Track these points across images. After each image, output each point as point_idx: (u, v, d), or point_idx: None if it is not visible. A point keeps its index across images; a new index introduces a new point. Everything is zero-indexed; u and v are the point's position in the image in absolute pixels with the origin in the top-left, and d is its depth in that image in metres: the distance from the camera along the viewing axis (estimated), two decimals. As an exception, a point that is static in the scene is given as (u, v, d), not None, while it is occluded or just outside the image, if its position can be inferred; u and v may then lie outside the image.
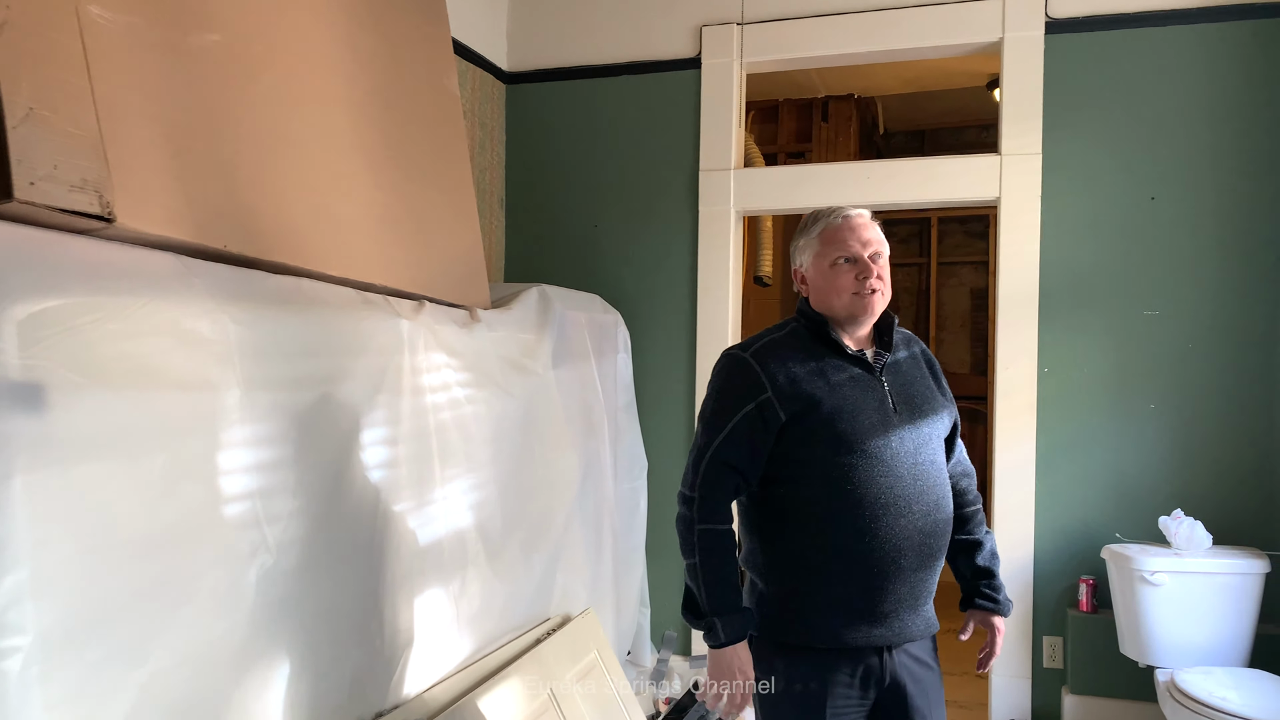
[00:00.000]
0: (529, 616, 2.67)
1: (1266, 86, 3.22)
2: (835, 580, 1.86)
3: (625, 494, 3.51)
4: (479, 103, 3.79)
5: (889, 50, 3.60)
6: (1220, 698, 2.67)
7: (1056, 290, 3.42)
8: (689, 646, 3.77)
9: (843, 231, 1.93)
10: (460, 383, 2.39)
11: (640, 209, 3.86)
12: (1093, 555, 3.34)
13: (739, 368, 1.93)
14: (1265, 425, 3.23)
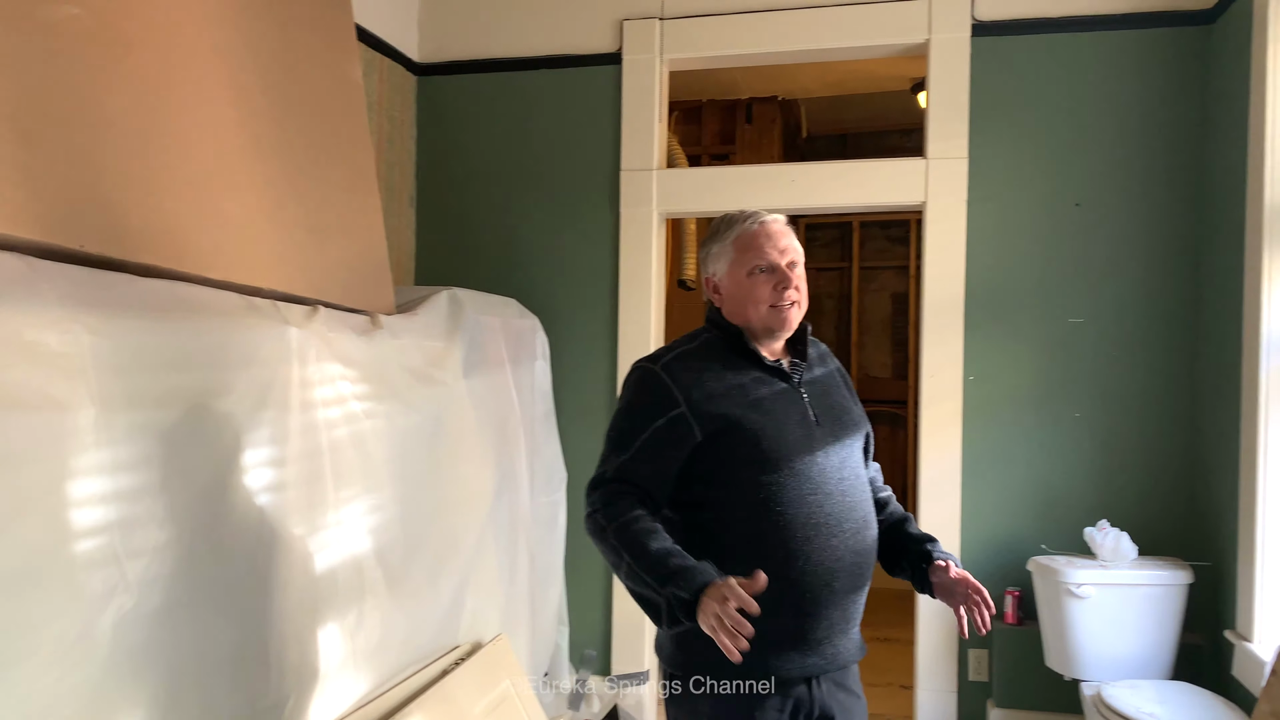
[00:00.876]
0: (435, 646, 2.48)
1: (1188, 94, 3.21)
2: (769, 611, 1.72)
3: (543, 508, 3.34)
4: (387, 95, 3.58)
5: (814, 50, 3.51)
6: (1148, 713, 2.63)
7: (982, 296, 3.36)
8: (609, 666, 3.62)
9: (759, 238, 1.82)
10: (358, 396, 2.19)
11: (559, 209, 3.70)
12: (1018, 567, 3.30)
13: (649, 381, 1.81)
14: (1189, 435, 3.22)
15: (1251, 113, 2.79)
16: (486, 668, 2.58)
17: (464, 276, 3.66)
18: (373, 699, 2.17)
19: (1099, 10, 3.26)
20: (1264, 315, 2.70)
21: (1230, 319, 2.93)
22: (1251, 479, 2.75)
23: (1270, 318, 2.70)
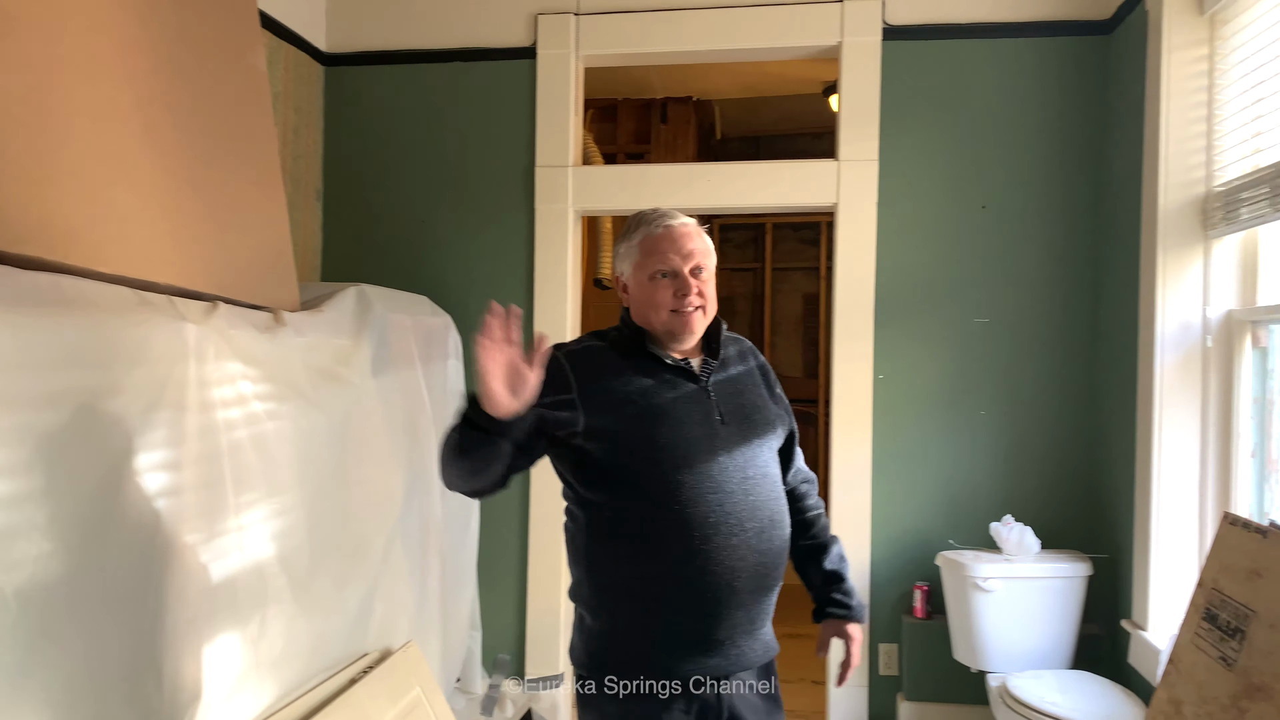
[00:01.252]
0: (343, 654, 2.40)
1: (1088, 101, 3.32)
2: (665, 608, 1.73)
3: (455, 511, 3.27)
4: (293, 84, 3.46)
5: (729, 50, 3.51)
6: (1050, 702, 2.69)
7: (891, 297, 3.42)
8: (522, 669, 3.57)
9: (663, 242, 1.80)
10: (260, 395, 2.11)
11: (472, 205, 3.63)
12: (927, 561, 3.36)
13: (549, 366, 1.78)
14: (1088, 431, 3.32)
15: (1147, 120, 2.89)
16: (396, 675, 2.50)
17: (373, 273, 3.56)
18: (277, 710, 2.09)
19: (1004, 18, 3.34)
20: (1158, 316, 2.80)
21: (1127, 319, 3.03)
22: (1146, 474, 2.85)
23: (1164, 318, 2.80)
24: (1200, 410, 2.78)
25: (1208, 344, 2.76)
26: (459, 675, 3.40)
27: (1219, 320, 2.75)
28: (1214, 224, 2.71)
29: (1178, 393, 2.80)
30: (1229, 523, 1.93)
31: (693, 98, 5.32)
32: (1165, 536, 2.82)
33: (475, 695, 3.43)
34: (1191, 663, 1.88)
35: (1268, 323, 2.61)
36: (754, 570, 1.74)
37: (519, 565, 3.58)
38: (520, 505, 3.57)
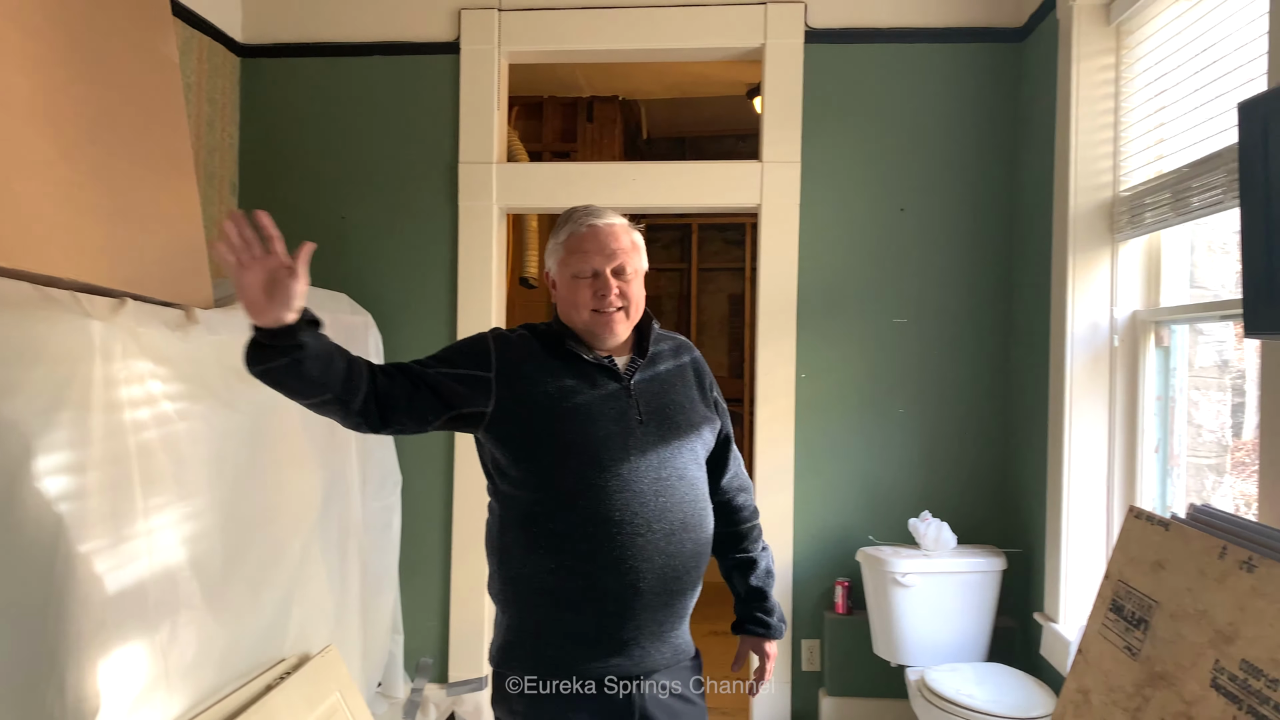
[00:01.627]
0: (258, 661, 2.34)
1: (1002, 107, 3.40)
2: (569, 606, 1.72)
3: (375, 513, 3.22)
4: (207, 76, 3.36)
5: (653, 49, 3.52)
6: (967, 694, 2.76)
7: (813, 297, 3.46)
8: (445, 674, 3.53)
9: (587, 241, 1.79)
10: (171, 395, 2.04)
11: (394, 201, 3.57)
12: (848, 558, 3.41)
13: (477, 340, 1.83)
14: (1003, 429, 3.41)
15: (1057, 126, 2.98)
16: (314, 681, 2.45)
17: (291, 270, 3.48)
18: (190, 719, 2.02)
19: (921, 23, 3.41)
20: (1068, 315, 2.89)
21: (1039, 319, 3.12)
22: (1058, 470, 2.94)
23: (1073, 319, 2.89)
24: (1108, 408, 2.88)
25: (1115, 344, 2.86)
26: (380, 680, 3.34)
27: (1125, 321, 2.84)
28: (1120, 228, 2.81)
29: (1087, 391, 2.89)
30: (1134, 516, 2.00)
31: (619, 97, 5.32)
32: (1075, 531, 2.91)
33: (397, 700, 3.37)
34: (1099, 652, 1.94)
35: (1170, 323, 2.71)
36: (661, 572, 1.73)
37: (442, 567, 3.53)
38: (443, 507, 3.53)
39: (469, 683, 3.48)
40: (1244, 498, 2.54)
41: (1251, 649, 1.48)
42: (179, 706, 2.00)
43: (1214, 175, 2.23)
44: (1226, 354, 2.69)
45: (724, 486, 1.98)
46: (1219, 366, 2.71)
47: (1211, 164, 2.25)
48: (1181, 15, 2.49)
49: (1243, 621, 1.52)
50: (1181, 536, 1.80)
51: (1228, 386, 2.70)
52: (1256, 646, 1.47)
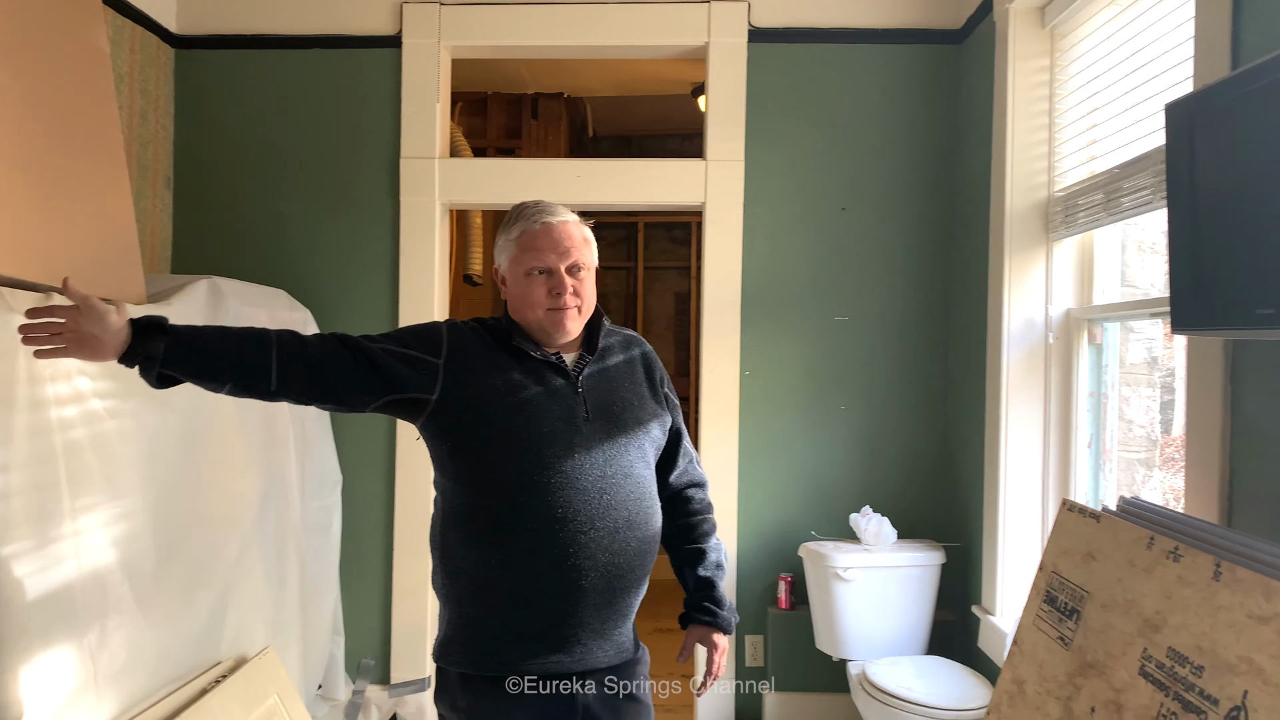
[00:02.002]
0: (193, 664, 2.29)
1: (941, 107, 3.46)
2: (509, 602, 1.71)
3: (315, 513, 3.17)
4: (140, 67, 3.28)
5: (597, 46, 3.51)
6: (906, 687, 2.79)
7: (757, 295, 3.48)
8: (387, 675, 3.49)
9: (540, 238, 1.78)
10: (100, 393, 1.99)
11: (334, 196, 3.52)
12: (791, 553, 3.44)
13: (430, 326, 1.81)
14: (941, 425, 3.47)
15: (994, 127, 3.03)
16: (251, 684, 2.41)
17: (227, 265, 3.41)
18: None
19: (862, 24, 3.45)
20: (1005, 313, 2.95)
21: (976, 317, 3.18)
22: (995, 464, 2.99)
23: (1010, 316, 2.95)
24: (1043, 404, 2.94)
25: (1049, 341, 2.92)
26: (321, 682, 3.29)
27: (1059, 318, 2.91)
28: (1055, 227, 2.87)
29: (1022, 388, 2.95)
30: (1066, 509, 2.04)
31: (565, 94, 5.30)
32: (1012, 524, 2.97)
33: (338, 702, 3.33)
34: (1033, 643, 1.98)
35: (1102, 321, 2.78)
36: (604, 570, 1.72)
37: (384, 567, 3.49)
38: (385, 506, 3.49)
39: (411, 683, 3.44)
40: (1173, 492, 2.61)
41: (1177, 637, 1.52)
42: (108, 712, 1.95)
43: (1143, 176, 2.29)
44: (1156, 351, 2.77)
45: (675, 481, 1.97)
46: (1149, 363, 2.79)
47: (1141, 165, 2.31)
48: (1113, 19, 2.55)
49: (1169, 610, 1.57)
50: (1112, 528, 1.84)
51: (1157, 383, 2.77)
52: (1182, 634, 1.51)
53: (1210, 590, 1.48)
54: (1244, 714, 1.32)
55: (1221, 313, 1.61)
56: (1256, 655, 1.34)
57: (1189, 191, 1.68)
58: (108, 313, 1.53)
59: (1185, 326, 1.72)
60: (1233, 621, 1.41)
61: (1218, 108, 1.61)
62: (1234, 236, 1.56)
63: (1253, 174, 1.52)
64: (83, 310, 1.52)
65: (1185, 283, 1.69)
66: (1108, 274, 2.83)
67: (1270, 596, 1.35)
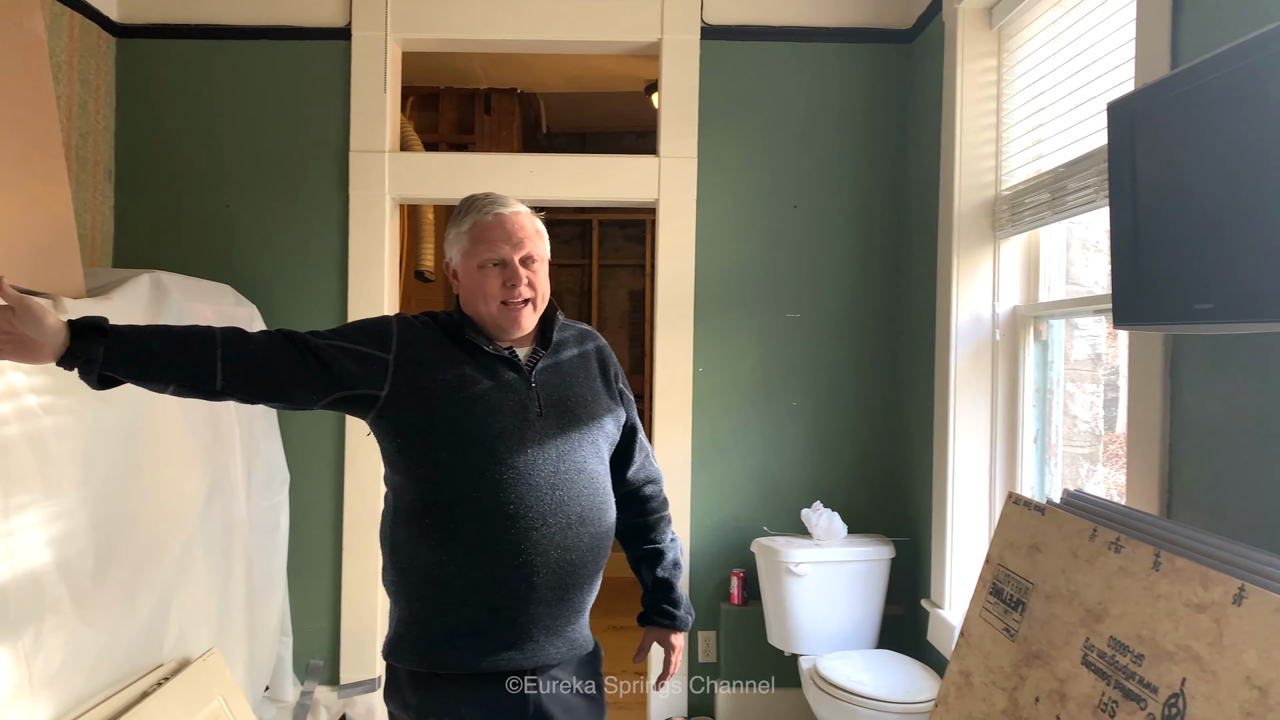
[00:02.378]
0: (134, 666, 2.24)
1: (891, 106, 3.49)
2: (461, 599, 1.70)
3: (262, 512, 3.11)
4: (79, 55, 3.20)
5: (549, 40, 3.49)
6: (857, 681, 2.82)
7: (710, 292, 3.49)
8: (337, 676, 3.44)
9: (493, 230, 1.76)
10: (36, 389, 1.93)
11: (282, 190, 3.46)
12: (743, 549, 3.45)
13: (380, 321, 1.77)
14: (891, 421, 3.50)
15: (943, 126, 3.07)
16: (195, 686, 2.36)
17: (171, 259, 3.34)
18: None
19: (814, 23, 3.47)
20: (953, 310, 2.98)
21: (925, 314, 3.21)
22: (944, 461, 3.03)
23: (958, 314, 2.99)
24: (990, 400, 2.98)
25: (996, 338, 2.96)
26: (268, 684, 3.24)
27: (1006, 315, 2.95)
28: (1002, 225, 2.91)
29: (970, 384, 2.99)
30: (1012, 502, 2.07)
31: (518, 90, 5.27)
32: (960, 519, 3.01)
33: (286, 703, 3.28)
34: (980, 635, 2.00)
35: (1048, 318, 2.82)
36: (556, 567, 1.71)
37: (333, 567, 3.44)
38: (334, 505, 3.44)
39: (361, 684, 3.40)
40: (1117, 487, 2.66)
41: (1119, 626, 1.55)
42: (44, 716, 1.90)
43: (1087, 175, 2.33)
44: (1100, 348, 2.82)
45: (631, 478, 1.97)
46: (1092, 360, 2.84)
47: (1085, 164, 2.35)
48: (1057, 20, 2.60)
49: (1111, 600, 1.59)
50: (1056, 520, 1.87)
51: (1101, 379, 2.82)
52: (1123, 624, 1.54)
53: (1150, 580, 1.51)
54: (1182, 700, 1.34)
55: (1161, 308, 1.64)
56: (1194, 643, 1.36)
57: (1130, 189, 1.71)
58: (45, 314, 1.47)
59: (1127, 322, 1.75)
60: (1171, 610, 1.44)
61: (1158, 106, 1.65)
62: (1173, 233, 1.60)
63: (1191, 171, 1.55)
64: (17, 312, 1.45)
65: (1127, 279, 1.72)
66: (1053, 272, 2.87)
67: (1207, 585, 1.38)
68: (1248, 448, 1.68)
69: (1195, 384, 1.84)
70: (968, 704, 1.95)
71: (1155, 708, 1.39)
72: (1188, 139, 1.56)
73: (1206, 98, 1.50)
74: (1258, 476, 1.65)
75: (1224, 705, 1.27)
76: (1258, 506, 1.65)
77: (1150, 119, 1.67)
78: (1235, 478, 1.71)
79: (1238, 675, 1.27)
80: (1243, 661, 1.27)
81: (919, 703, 2.70)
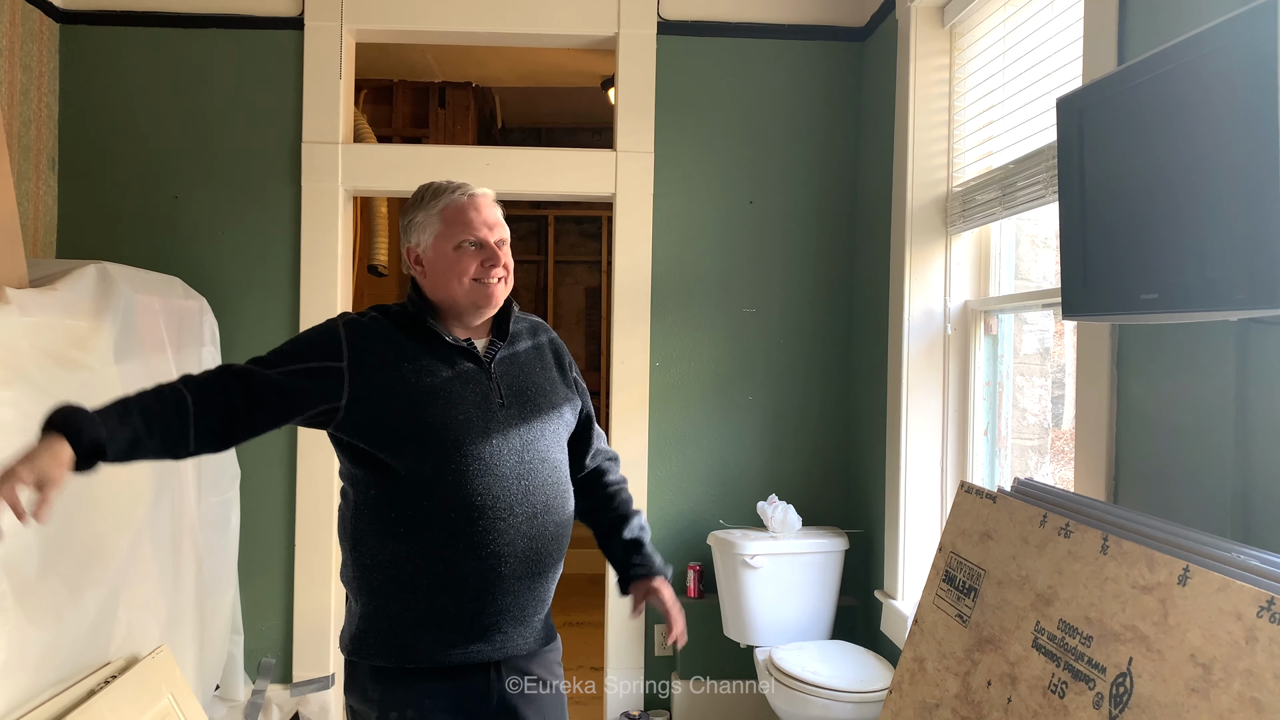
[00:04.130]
0: (81, 664, 2.19)
1: (845, 103, 3.53)
2: (427, 592, 1.69)
3: (212, 509, 3.06)
4: (20, 41, 3.12)
5: (506, 34, 3.48)
6: (812, 671, 2.84)
7: (667, 286, 3.50)
8: (289, 674, 3.39)
9: (468, 211, 1.77)
10: (-24, 380, 1.88)
11: (233, 181, 3.40)
12: (700, 542, 3.47)
13: (326, 330, 1.74)
14: (845, 414, 3.54)
15: (896, 123, 3.11)
16: (143, 684, 2.31)
17: (118, 250, 3.27)
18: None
19: (768, 19, 3.50)
20: (905, 305, 3.02)
21: (878, 308, 3.25)
22: (896, 453, 3.07)
23: (910, 308, 3.02)
24: (941, 393, 3.03)
25: (948, 332, 3.00)
26: (219, 682, 3.19)
27: (957, 310, 3.00)
28: (953, 221, 2.95)
29: (922, 377, 3.03)
30: (964, 491, 2.11)
31: (473, 84, 5.24)
32: (912, 511, 3.05)
33: (238, 702, 3.23)
34: (933, 622, 2.03)
35: (998, 312, 2.87)
36: (523, 556, 1.72)
37: (285, 564, 3.40)
38: (286, 502, 3.39)
39: (314, 682, 3.36)
40: (1063, 483, 2.71)
41: (1068, 609, 1.58)
42: (-13, 716, 1.85)
43: (1036, 171, 2.37)
44: (1048, 343, 2.87)
45: (588, 462, 1.99)
46: (1041, 354, 2.90)
47: (1034, 160, 2.39)
48: (1008, 19, 2.64)
49: (1060, 584, 1.63)
50: (1006, 508, 1.91)
51: (1049, 373, 2.88)
52: (1072, 607, 1.57)
53: (1098, 564, 1.55)
54: (1129, 679, 1.38)
55: (1109, 298, 1.68)
56: (1140, 623, 1.40)
57: (1079, 182, 1.75)
58: (59, 453, 1.39)
59: (1075, 312, 1.79)
60: (1119, 592, 1.47)
61: (1104, 102, 1.68)
62: (1120, 225, 1.63)
63: (1137, 164, 1.59)
64: (39, 470, 1.38)
65: (1075, 270, 1.76)
66: (1003, 267, 2.92)
67: (1153, 567, 1.42)
68: (1191, 435, 1.73)
69: (1141, 374, 1.89)
70: (921, 690, 1.98)
71: (1103, 686, 1.42)
72: (1134, 133, 1.60)
73: (1151, 93, 1.54)
74: (1200, 462, 1.70)
75: (1169, 682, 1.30)
76: (1201, 492, 1.69)
77: (1097, 114, 1.71)
78: (1179, 464, 1.76)
79: (1183, 653, 1.30)
80: (1187, 640, 1.30)
81: (872, 691, 2.74)
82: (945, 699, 1.87)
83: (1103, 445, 1.97)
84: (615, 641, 3.51)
